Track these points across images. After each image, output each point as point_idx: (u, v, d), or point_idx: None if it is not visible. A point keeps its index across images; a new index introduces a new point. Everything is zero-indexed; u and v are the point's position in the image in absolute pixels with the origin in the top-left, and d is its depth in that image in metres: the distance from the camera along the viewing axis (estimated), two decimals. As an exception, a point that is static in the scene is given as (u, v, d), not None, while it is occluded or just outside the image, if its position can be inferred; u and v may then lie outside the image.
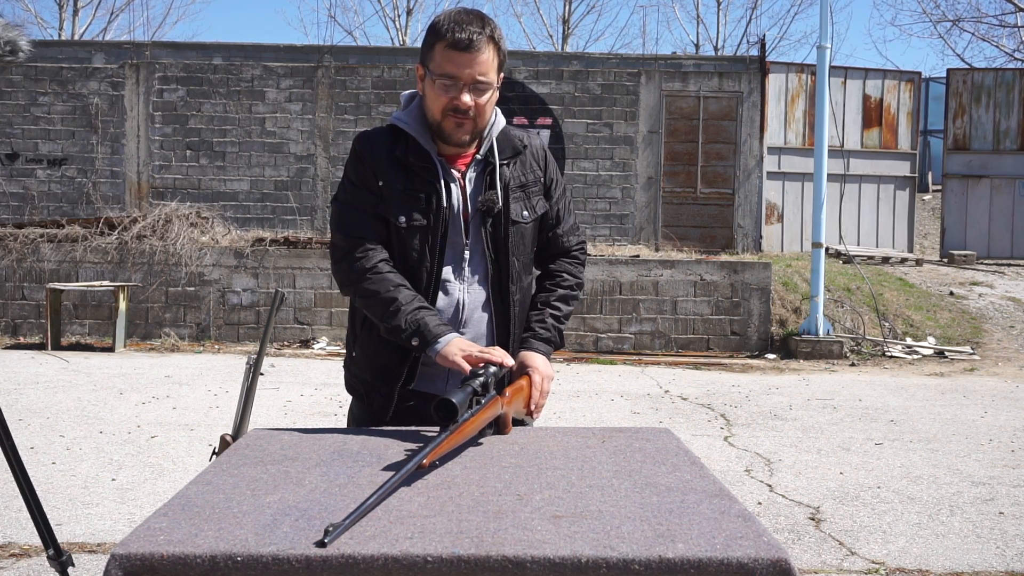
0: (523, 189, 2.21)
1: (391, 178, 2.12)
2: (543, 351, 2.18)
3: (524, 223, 2.20)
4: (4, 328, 10.77)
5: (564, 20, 27.79)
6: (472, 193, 2.16)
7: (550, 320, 2.24)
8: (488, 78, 2.09)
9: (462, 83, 2.07)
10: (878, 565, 3.77)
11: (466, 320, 2.18)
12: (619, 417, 6.82)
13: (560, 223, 2.31)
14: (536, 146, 2.27)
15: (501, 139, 2.20)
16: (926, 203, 19.59)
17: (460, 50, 2.05)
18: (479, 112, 2.10)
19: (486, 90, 2.09)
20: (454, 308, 2.17)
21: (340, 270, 2.15)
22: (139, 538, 1.30)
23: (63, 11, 26.16)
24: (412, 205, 2.12)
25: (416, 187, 2.12)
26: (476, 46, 2.05)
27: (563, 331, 2.28)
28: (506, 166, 2.19)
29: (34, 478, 2.28)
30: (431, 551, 1.26)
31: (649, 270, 10.75)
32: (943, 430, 6.54)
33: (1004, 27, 25.21)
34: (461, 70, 2.06)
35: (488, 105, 2.12)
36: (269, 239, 11.03)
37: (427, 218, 2.11)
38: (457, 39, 2.05)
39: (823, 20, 10.60)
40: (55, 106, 13.55)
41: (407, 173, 2.13)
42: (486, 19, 2.11)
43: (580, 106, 13.68)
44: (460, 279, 2.18)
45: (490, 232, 2.16)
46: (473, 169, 2.18)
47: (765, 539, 1.33)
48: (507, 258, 2.18)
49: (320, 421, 6.45)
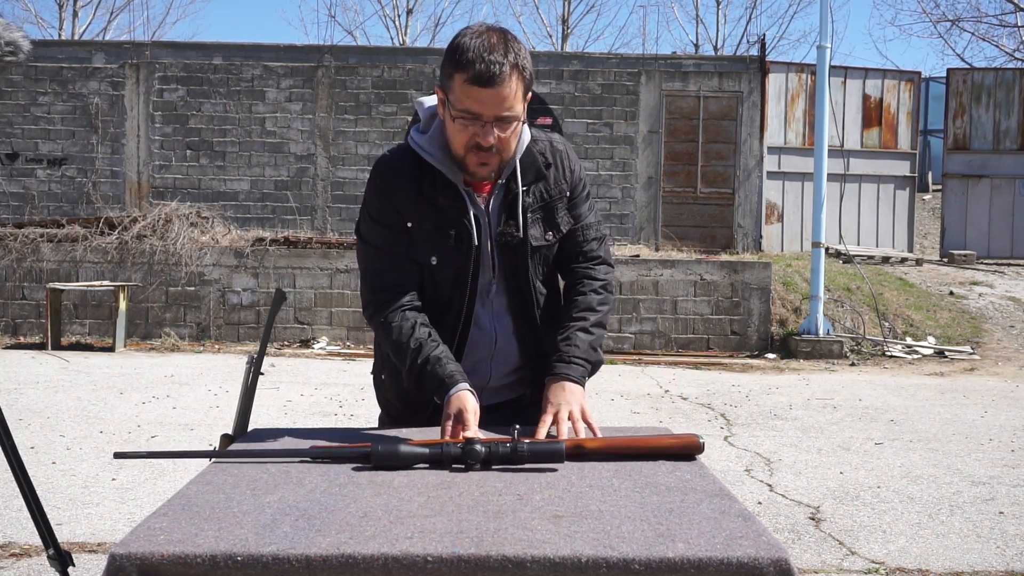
0: (545, 208, 2.08)
1: (419, 218, 2.00)
2: (567, 374, 2.03)
3: (545, 244, 2.10)
4: (4, 328, 10.77)
5: (564, 20, 27.79)
6: (494, 222, 2.05)
7: (576, 335, 2.08)
8: (513, 111, 1.90)
9: (485, 120, 1.89)
10: (878, 565, 3.77)
11: (499, 350, 2.12)
12: (619, 417, 6.82)
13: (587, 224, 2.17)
14: (563, 156, 2.12)
15: (525, 161, 2.05)
16: (926, 203, 19.59)
17: (482, 85, 1.86)
18: (504, 147, 1.95)
19: (511, 123, 1.92)
20: (487, 340, 2.10)
21: (369, 318, 2.07)
22: (139, 538, 1.30)
23: (63, 11, 26.17)
24: (443, 243, 2.01)
25: (446, 224, 2.01)
26: (499, 80, 1.86)
27: (598, 342, 2.11)
28: (527, 192, 2.05)
29: (34, 478, 2.28)
30: (431, 551, 1.26)
31: (649, 270, 10.75)
32: (943, 430, 6.54)
33: (1004, 27, 25.21)
34: (483, 107, 1.88)
35: (513, 137, 1.95)
36: (269, 239, 11.03)
37: (459, 256, 2.01)
38: (478, 73, 1.85)
39: (823, 20, 10.60)
40: (55, 106, 13.56)
41: (436, 210, 2.00)
42: (510, 42, 1.90)
43: (580, 106, 13.68)
44: (489, 310, 2.10)
45: (512, 261, 2.07)
46: (496, 196, 2.05)
47: (765, 539, 1.33)
48: (529, 284, 2.09)
49: (320, 421, 6.46)
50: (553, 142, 2.12)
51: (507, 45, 1.89)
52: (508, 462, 1.66)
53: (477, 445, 1.65)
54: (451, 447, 1.66)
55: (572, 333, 2.08)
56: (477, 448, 1.65)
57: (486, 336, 2.10)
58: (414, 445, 1.67)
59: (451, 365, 1.95)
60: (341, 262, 10.72)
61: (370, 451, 1.66)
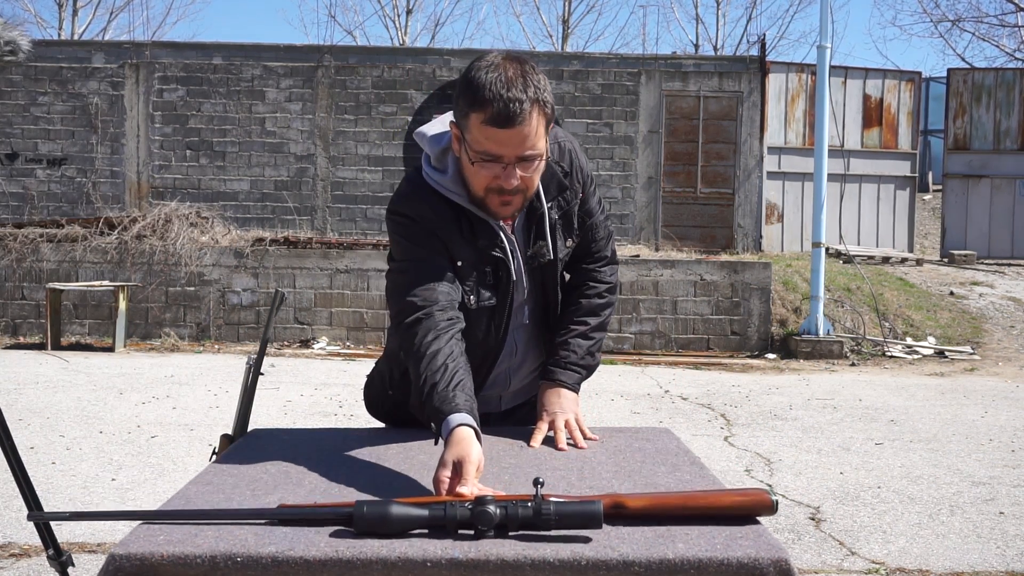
0: (564, 216, 2.01)
1: (464, 255, 1.88)
2: (563, 380, 2.01)
3: (567, 251, 2.05)
4: (4, 328, 10.77)
5: (564, 20, 27.80)
6: (521, 244, 1.97)
7: (575, 340, 2.05)
8: (537, 149, 1.77)
9: (506, 162, 1.76)
10: (878, 565, 3.77)
11: (519, 359, 2.09)
12: (619, 417, 6.82)
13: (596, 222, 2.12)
14: (575, 160, 2.02)
15: (545, 177, 1.93)
16: (926, 203, 19.59)
17: (501, 126, 1.71)
18: (527, 185, 1.82)
19: (534, 161, 1.78)
20: (510, 353, 2.07)
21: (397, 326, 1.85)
22: (139, 538, 1.30)
23: (63, 11, 26.17)
24: (481, 282, 1.90)
25: (484, 261, 1.90)
26: (520, 119, 1.71)
27: (596, 347, 2.08)
28: (552, 206, 1.97)
29: (34, 478, 2.28)
30: (430, 553, 1.26)
31: (649, 270, 10.75)
32: (943, 430, 6.53)
33: (1004, 27, 25.22)
34: (504, 148, 1.74)
35: (536, 174, 1.82)
36: (269, 239, 11.03)
37: (496, 296, 1.93)
38: (497, 113, 1.70)
39: (823, 20, 10.60)
40: (55, 106, 13.55)
41: (474, 249, 1.89)
42: (528, 75, 1.75)
43: (580, 106, 13.68)
44: (517, 325, 2.05)
45: (539, 280, 2.02)
46: (519, 217, 1.95)
47: (765, 539, 1.33)
48: (556, 298, 2.07)
49: (320, 421, 6.45)
50: (560, 143, 2.01)
51: (526, 79, 1.73)
52: (530, 527, 1.32)
53: (490, 506, 1.32)
54: (457, 507, 1.34)
55: (571, 338, 2.06)
56: (490, 510, 1.32)
57: (509, 350, 2.06)
58: (408, 504, 1.35)
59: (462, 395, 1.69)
60: (341, 262, 10.72)
61: (352, 512, 1.34)
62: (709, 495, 1.45)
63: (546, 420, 1.97)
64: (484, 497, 1.33)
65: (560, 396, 2.00)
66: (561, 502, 1.34)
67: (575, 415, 1.98)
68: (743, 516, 1.42)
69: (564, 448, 1.88)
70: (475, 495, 1.38)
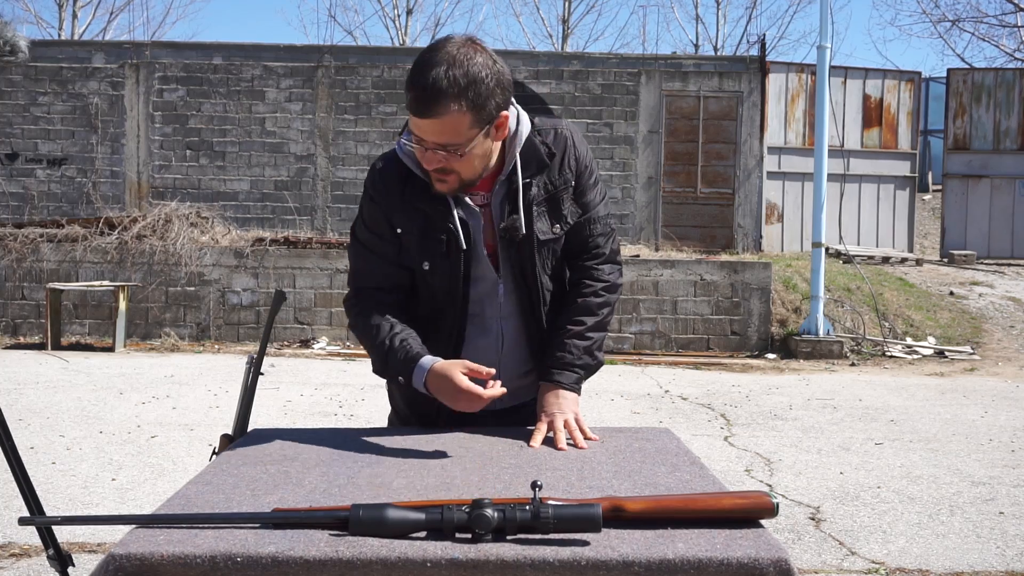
0: (550, 200, 2.00)
1: (407, 225, 1.97)
2: (561, 381, 2.01)
3: (553, 238, 2.02)
4: (4, 328, 10.77)
5: (564, 20, 27.81)
6: (497, 219, 1.98)
7: (571, 341, 2.03)
8: (456, 141, 1.79)
9: (427, 146, 1.81)
10: (878, 565, 3.77)
11: (506, 352, 2.07)
12: (619, 417, 6.82)
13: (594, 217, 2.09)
14: (569, 145, 2.03)
15: (526, 153, 1.96)
16: (926, 203, 19.59)
17: (416, 115, 1.77)
18: (455, 170, 1.85)
19: (457, 151, 1.81)
20: (493, 344, 2.06)
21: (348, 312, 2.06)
22: (138, 538, 1.30)
23: (63, 11, 26.17)
24: (432, 248, 1.96)
25: (434, 228, 1.95)
26: (433, 112, 1.75)
27: (595, 346, 2.06)
28: (531, 183, 1.97)
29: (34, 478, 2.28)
30: (429, 554, 1.26)
31: (649, 270, 10.75)
32: (943, 430, 6.53)
33: (1004, 27, 25.23)
34: (423, 134, 1.80)
35: (471, 161, 1.85)
36: (269, 239, 11.03)
37: (448, 261, 1.96)
38: (414, 100, 1.76)
39: (823, 20, 10.60)
40: (55, 106, 13.56)
41: (423, 216, 1.95)
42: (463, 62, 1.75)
43: (580, 106, 13.68)
44: (496, 312, 2.04)
45: (516, 257, 2.00)
46: (497, 192, 1.98)
47: (765, 539, 1.32)
48: (536, 281, 2.02)
49: (320, 421, 6.45)
50: (559, 129, 2.03)
51: (455, 66, 1.74)
52: (528, 530, 1.32)
53: (488, 510, 1.31)
54: (454, 511, 1.32)
55: (567, 338, 2.03)
56: (488, 514, 1.31)
57: (491, 339, 2.05)
58: (405, 508, 1.34)
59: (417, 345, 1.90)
60: (341, 262, 10.71)
61: (349, 515, 1.33)
62: (709, 498, 1.43)
63: (545, 420, 1.96)
64: (482, 501, 1.32)
65: (559, 397, 2.00)
66: (559, 505, 1.33)
67: (575, 415, 1.98)
68: (743, 519, 1.40)
69: (564, 448, 1.88)
70: (473, 500, 1.34)
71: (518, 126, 1.95)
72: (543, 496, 1.36)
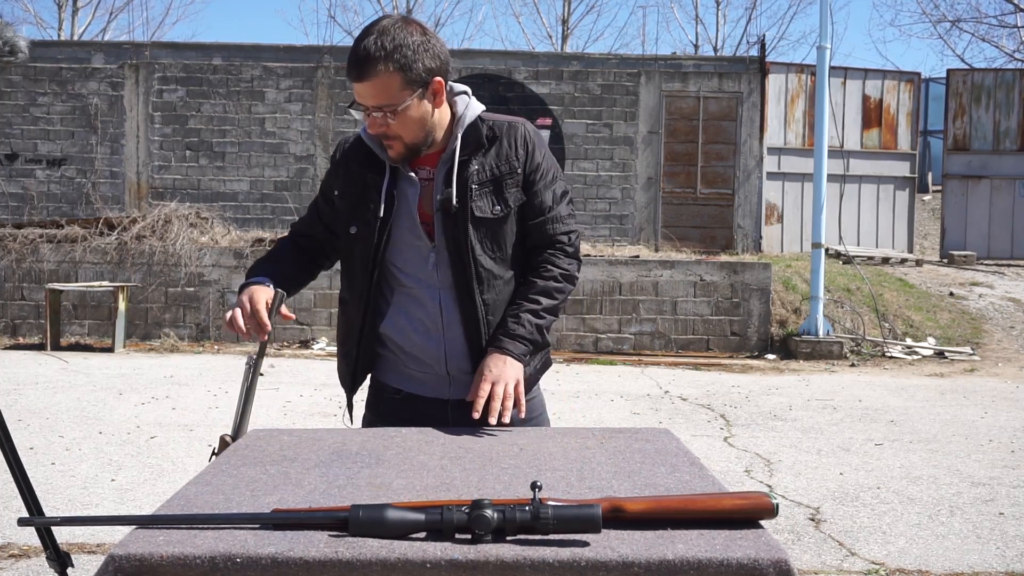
0: (494, 182, 2.08)
1: (348, 190, 2.13)
2: (509, 350, 2.04)
3: (492, 218, 2.07)
4: (4, 328, 10.76)
5: (563, 20, 27.80)
6: (439, 192, 2.07)
7: (525, 315, 2.08)
8: (391, 102, 1.96)
9: (368, 109, 1.98)
10: (878, 566, 3.77)
11: (447, 325, 2.10)
12: (619, 418, 6.82)
13: (542, 212, 2.13)
14: (519, 134, 2.12)
15: (467, 134, 2.08)
16: (926, 203, 19.60)
17: (351, 79, 1.97)
18: (396, 131, 2.00)
19: (392, 111, 1.97)
20: (431, 315, 2.10)
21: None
22: (138, 539, 1.30)
23: (62, 11, 26.17)
24: (359, 215, 2.10)
25: (367, 197, 2.09)
26: (363, 75, 1.94)
27: (546, 326, 2.11)
28: (472, 161, 2.07)
29: (33, 479, 2.28)
30: (429, 554, 1.26)
31: (649, 270, 10.75)
32: (943, 430, 6.53)
33: (1004, 27, 25.24)
34: (361, 98, 1.98)
35: (404, 123, 1.99)
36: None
37: (367, 227, 2.08)
38: (348, 65, 1.97)
39: (823, 20, 10.61)
40: (55, 106, 13.56)
41: (362, 183, 2.10)
42: (381, 36, 1.94)
43: (580, 106, 13.68)
44: (431, 286, 2.09)
45: (451, 231, 2.06)
46: (439, 168, 2.09)
47: (765, 539, 1.32)
48: (470, 258, 2.06)
49: (320, 422, 6.45)
50: (512, 123, 2.14)
51: (384, 35, 1.93)
52: (528, 531, 1.32)
53: (487, 510, 1.31)
54: (454, 511, 1.32)
55: (522, 312, 2.08)
56: (487, 514, 1.31)
57: (431, 311, 2.10)
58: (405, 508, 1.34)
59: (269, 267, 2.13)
60: (341, 262, 10.71)
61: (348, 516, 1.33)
62: (709, 499, 1.43)
63: (486, 381, 2.00)
64: (481, 501, 1.32)
65: (504, 363, 2.02)
66: (559, 506, 1.33)
67: (516, 382, 2.01)
68: (743, 520, 1.40)
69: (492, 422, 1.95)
70: (473, 500, 1.34)
71: (466, 110, 2.09)
72: (543, 497, 1.36)
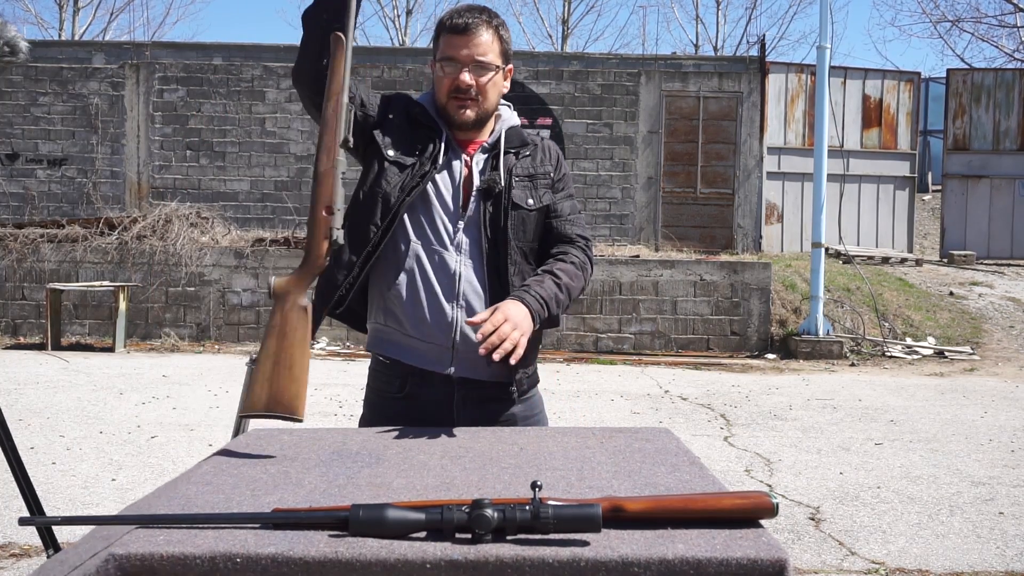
0: (531, 179, 2.23)
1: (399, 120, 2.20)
2: (528, 303, 2.04)
3: (527, 209, 2.19)
4: (4, 328, 10.76)
5: (564, 20, 27.81)
6: (477, 174, 2.19)
7: (548, 281, 2.12)
8: (488, 59, 2.17)
9: (461, 64, 2.15)
10: (878, 565, 3.77)
11: (462, 293, 2.15)
12: (619, 417, 6.82)
13: (562, 215, 2.27)
14: (551, 148, 2.32)
15: (510, 132, 2.26)
16: (926, 203, 19.59)
17: (458, 33, 2.15)
18: (481, 92, 2.17)
19: (487, 71, 2.17)
20: (451, 280, 2.14)
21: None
22: (138, 538, 1.30)
23: (63, 11, 26.17)
24: (406, 149, 2.18)
25: (416, 139, 2.19)
26: (472, 28, 2.15)
27: (563, 301, 2.14)
28: (514, 155, 2.23)
29: (34, 478, 2.28)
30: (429, 554, 1.26)
31: (649, 270, 10.75)
32: (943, 430, 6.53)
33: (1004, 27, 25.24)
34: (459, 51, 2.15)
35: (491, 87, 2.19)
36: (269, 239, 11.02)
37: (414, 159, 2.16)
38: (455, 24, 2.16)
39: (823, 20, 10.60)
40: (55, 106, 13.55)
41: (413, 127, 2.20)
42: (488, 9, 2.21)
43: (580, 106, 13.68)
44: (453, 250, 2.15)
45: (490, 212, 2.16)
46: (481, 154, 2.22)
47: (765, 539, 1.32)
48: (505, 239, 2.15)
49: (320, 421, 6.45)
50: (544, 138, 2.33)
51: (484, 9, 2.19)
52: (528, 530, 1.33)
53: (487, 510, 1.32)
54: (454, 511, 1.33)
55: (544, 277, 2.12)
56: (488, 514, 1.32)
57: (448, 277, 2.13)
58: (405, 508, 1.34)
59: None
60: (341, 262, 10.71)
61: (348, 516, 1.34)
62: (709, 498, 1.43)
63: (499, 314, 1.96)
64: (481, 501, 1.32)
65: (519, 308, 2.01)
66: (559, 506, 1.33)
67: (520, 330, 1.97)
68: (743, 520, 1.40)
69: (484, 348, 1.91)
70: (474, 500, 1.35)
71: (509, 114, 2.29)
72: (543, 496, 1.36)
